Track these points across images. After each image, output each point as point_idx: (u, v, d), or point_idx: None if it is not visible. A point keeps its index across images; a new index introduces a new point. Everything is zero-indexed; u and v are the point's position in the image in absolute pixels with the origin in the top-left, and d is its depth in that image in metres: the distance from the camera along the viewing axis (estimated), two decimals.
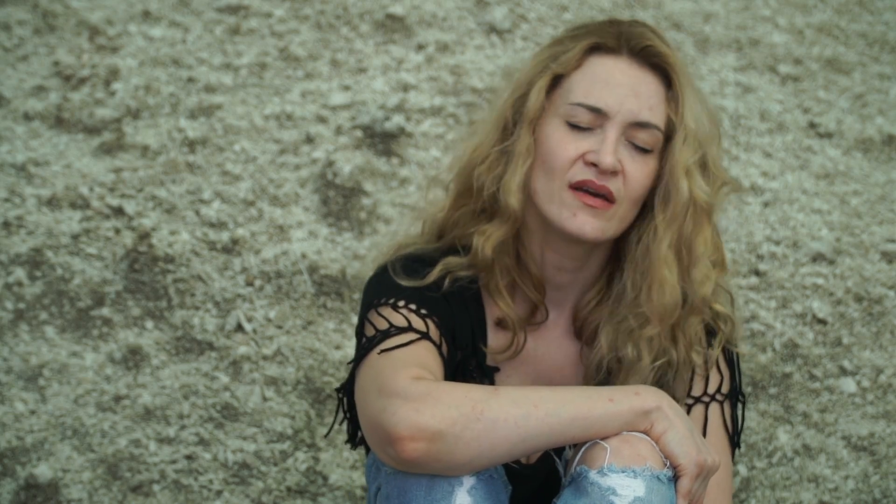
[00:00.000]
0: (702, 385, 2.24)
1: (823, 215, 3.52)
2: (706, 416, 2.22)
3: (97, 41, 3.83)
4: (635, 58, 2.12)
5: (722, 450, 2.21)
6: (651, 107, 2.10)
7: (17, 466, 2.82)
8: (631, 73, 2.11)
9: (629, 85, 2.10)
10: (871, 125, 3.87)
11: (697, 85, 2.17)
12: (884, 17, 4.36)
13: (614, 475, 1.95)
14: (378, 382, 2.01)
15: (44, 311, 3.10)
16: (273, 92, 3.72)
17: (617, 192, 2.09)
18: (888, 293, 3.29)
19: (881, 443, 2.99)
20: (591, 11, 4.15)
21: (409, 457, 1.93)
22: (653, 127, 2.10)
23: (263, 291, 3.19)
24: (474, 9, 4.09)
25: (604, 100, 2.10)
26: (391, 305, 2.14)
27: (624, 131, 2.10)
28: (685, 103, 2.10)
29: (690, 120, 2.09)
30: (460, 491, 1.98)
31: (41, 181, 3.37)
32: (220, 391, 2.99)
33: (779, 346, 3.17)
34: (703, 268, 2.13)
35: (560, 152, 2.11)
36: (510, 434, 1.95)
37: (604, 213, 2.10)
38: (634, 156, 2.10)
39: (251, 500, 2.82)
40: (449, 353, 2.17)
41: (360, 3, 4.04)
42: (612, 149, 2.08)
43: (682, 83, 2.11)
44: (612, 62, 2.12)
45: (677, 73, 2.11)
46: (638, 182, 2.10)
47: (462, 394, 1.95)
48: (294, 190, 3.43)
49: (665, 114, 2.11)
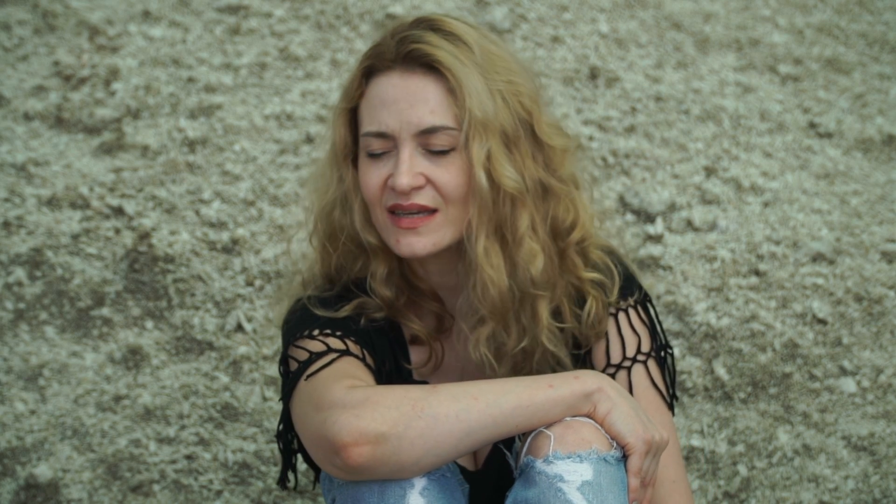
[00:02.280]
0: (619, 350, 2.22)
1: (823, 215, 3.52)
2: (630, 380, 2.20)
3: (97, 41, 3.84)
4: (406, 66, 2.08)
5: (657, 409, 2.19)
6: (433, 110, 2.07)
7: (17, 466, 2.82)
8: (403, 84, 2.08)
9: (404, 97, 2.07)
10: (871, 125, 3.87)
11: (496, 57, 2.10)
12: (884, 17, 4.36)
13: (560, 462, 1.96)
14: (313, 401, 2.00)
15: (44, 311, 3.10)
16: (273, 92, 3.72)
17: (432, 200, 2.08)
18: (888, 293, 3.29)
19: (881, 443, 2.99)
20: (591, 12, 4.15)
21: (356, 462, 1.93)
22: (442, 129, 2.07)
23: (263, 291, 3.19)
24: (474, 9, 4.09)
25: (384, 122, 2.08)
26: (307, 336, 2.14)
27: (417, 143, 2.07)
28: (466, 94, 2.05)
29: (476, 109, 2.04)
30: (412, 493, 1.98)
31: (41, 181, 3.37)
32: (220, 391, 2.99)
33: (779, 346, 3.17)
34: (527, 246, 2.10)
35: (367, 183, 2.11)
36: (453, 428, 1.94)
37: (426, 226, 2.09)
38: (437, 161, 2.08)
39: (251, 500, 2.82)
40: (375, 364, 2.17)
41: (360, 3, 4.04)
42: (404, 168, 2.06)
43: (459, 75, 2.05)
44: (386, 80, 2.09)
45: (448, 68, 2.05)
46: (450, 184, 2.08)
47: (401, 394, 1.95)
48: (294, 190, 3.43)
49: (454, 110, 2.06)
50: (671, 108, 3.81)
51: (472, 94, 2.05)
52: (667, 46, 4.08)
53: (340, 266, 2.24)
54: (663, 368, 2.24)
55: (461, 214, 2.11)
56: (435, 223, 2.09)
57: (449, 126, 2.07)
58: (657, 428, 2.01)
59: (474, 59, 2.08)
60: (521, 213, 2.09)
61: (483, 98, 2.06)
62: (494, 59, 2.09)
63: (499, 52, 2.11)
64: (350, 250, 2.22)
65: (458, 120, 2.06)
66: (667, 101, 3.83)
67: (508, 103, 2.09)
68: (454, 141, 2.07)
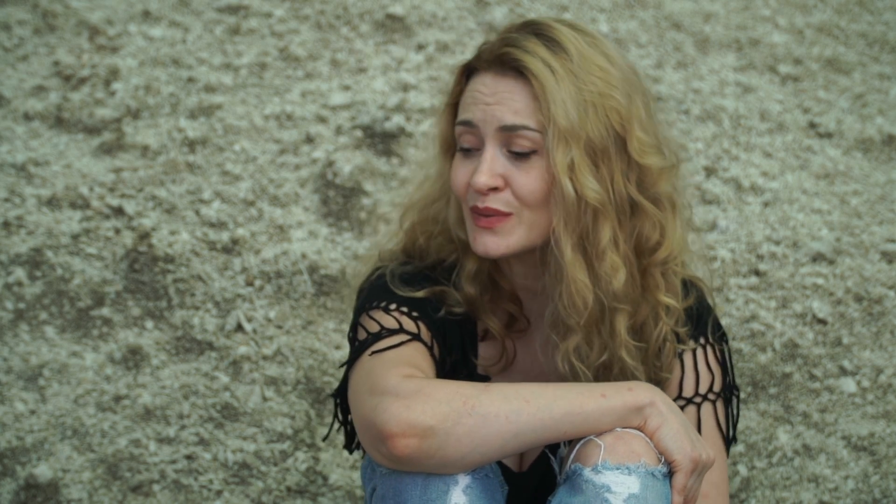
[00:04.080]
0: (692, 385, 2.24)
1: (823, 215, 3.52)
2: (699, 417, 2.23)
3: (97, 41, 3.83)
4: (499, 68, 2.10)
5: (717, 450, 2.21)
6: (517, 110, 2.07)
7: (17, 466, 2.82)
8: (493, 84, 2.09)
9: (492, 94, 2.09)
10: (871, 125, 3.87)
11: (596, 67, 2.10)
12: (884, 17, 4.36)
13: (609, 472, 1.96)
14: (369, 382, 2.01)
15: (44, 311, 3.10)
16: (273, 92, 3.72)
17: (506, 205, 2.09)
18: (888, 293, 3.29)
19: (881, 443, 2.99)
20: (591, 12, 4.15)
21: (401, 453, 1.93)
22: (523, 128, 2.07)
23: (263, 291, 3.19)
24: (474, 9, 4.09)
25: (472, 113, 2.10)
26: (382, 309, 2.16)
27: (500, 142, 2.09)
28: (550, 101, 2.05)
29: (561, 118, 2.04)
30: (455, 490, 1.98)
31: (41, 181, 3.37)
32: (220, 391, 2.99)
33: (779, 346, 3.17)
34: (609, 259, 2.09)
35: (455, 179, 2.14)
36: (501, 429, 1.95)
37: (501, 227, 2.10)
38: (518, 164, 2.08)
39: (251, 500, 2.82)
40: (441, 355, 2.18)
41: (360, 3, 4.04)
42: (485, 168, 2.07)
43: (545, 82, 2.06)
44: (480, 79, 2.11)
45: (535, 74, 2.06)
46: (527, 188, 2.08)
47: (453, 389, 1.96)
48: (294, 190, 3.43)
49: (538, 115, 2.07)
50: (671, 108, 3.81)
51: (558, 101, 2.05)
52: (667, 46, 4.08)
53: (424, 251, 2.28)
54: (728, 409, 2.25)
55: (538, 219, 2.11)
56: (510, 224, 2.10)
57: (530, 127, 2.07)
58: (705, 447, 2.01)
59: (570, 68, 2.08)
60: (603, 226, 2.09)
61: (569, 107, 2.06)
62: (593, 70, 2.09)
63: (602, 62, 2.10)
64: (441, 243, 2.25)
65: (542, 125, 2.07)
66: (667, 100, 3.83)
67: (599, 115, 2.08)
68: (536, 144, 2.08)
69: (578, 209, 2.07)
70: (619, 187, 2.09)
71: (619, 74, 2.10)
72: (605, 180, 2.08)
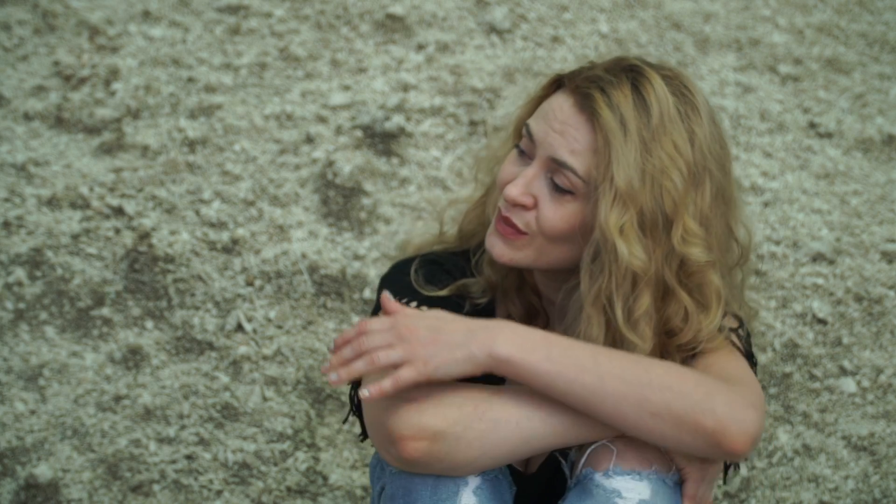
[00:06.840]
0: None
1: (823, 215, 3.52)
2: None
3: (97, 41, 3.84)
4: (581, 101, 2.05)
5: (743, 369, 2.10)
6: (574, 150, 2.04)
7: (17, 466, 2.82)
8: (568, 113, 2.06)
9: (560, 122, 2.06)
10: (871, 125, 3.87)
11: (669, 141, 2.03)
12: (884, 17, 4.36)
13: (620, 477, 1.96)
14: None
15: (44, 311, 3.10)
16: (273, 92, 3.72)
17: (525, 225, 2.08)
18: (888, 293, 3.29)
19: (881, 443, 2.99)
20: (591, 12, 4.15)
21: (411, 456, 1.94)
22: (570, 169, 2.03)
23: (263, 291, 3.19)
24: (474, 9, 4.09)
25: (538, 126, 2.08)
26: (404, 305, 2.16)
27: (547, 168, 2.06)
28: (613, 159, 2.00)
29: (621, 179, 1.99)
30: (466, 491, 1.98)
31: (41, 181, 3.37)
32: (220, 391, 2.99)
33: (779, 346, 3.17)
34: (641, 332, 2.04)
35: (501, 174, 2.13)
36: (512, 434, 1.95)
37: (512, 241, 2.09)
38: (553, 194, 2.06)
39: (251, 500, 2.82)
40: None
41: (360, 3, 4.04)
42: (521, 182, 2.06)
43: (611, 140, 2.01)
44: (563, 99, 2.08)
45: (604, 130, 2.01)
46: (550, 221, 2.06)
47: (464, 394, 1.96)
48: (294, 190, 3.43)
49: (590, 164, 2.03)
50: None
51: (620, 161, 2.00)
52: (667, 46, 4.08)
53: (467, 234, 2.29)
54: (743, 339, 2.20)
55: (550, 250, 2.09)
56: (522, 242, 2.09)
57: (577, 172, 2.03)
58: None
59: (643, 134, 2.02)
60: (643, 294, 2.03)
61: (632, 171, 2.01)
62: (665, 144, 2.03)
63: (679, 138, 2.04)
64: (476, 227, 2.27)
65: (589, 174, 2.03)
66: None
67: (654, 190, 2.02)
68: (576, 188, 2.04)
69: (611, 271, 2.02)
70: (658, 266, 2.04)
71: (690, 157, 2.04)
72: (649, 252, 2.03)
